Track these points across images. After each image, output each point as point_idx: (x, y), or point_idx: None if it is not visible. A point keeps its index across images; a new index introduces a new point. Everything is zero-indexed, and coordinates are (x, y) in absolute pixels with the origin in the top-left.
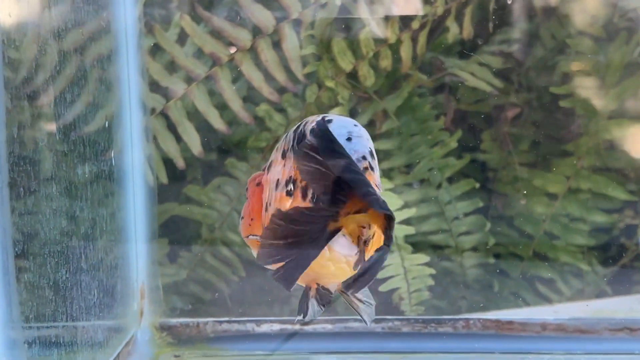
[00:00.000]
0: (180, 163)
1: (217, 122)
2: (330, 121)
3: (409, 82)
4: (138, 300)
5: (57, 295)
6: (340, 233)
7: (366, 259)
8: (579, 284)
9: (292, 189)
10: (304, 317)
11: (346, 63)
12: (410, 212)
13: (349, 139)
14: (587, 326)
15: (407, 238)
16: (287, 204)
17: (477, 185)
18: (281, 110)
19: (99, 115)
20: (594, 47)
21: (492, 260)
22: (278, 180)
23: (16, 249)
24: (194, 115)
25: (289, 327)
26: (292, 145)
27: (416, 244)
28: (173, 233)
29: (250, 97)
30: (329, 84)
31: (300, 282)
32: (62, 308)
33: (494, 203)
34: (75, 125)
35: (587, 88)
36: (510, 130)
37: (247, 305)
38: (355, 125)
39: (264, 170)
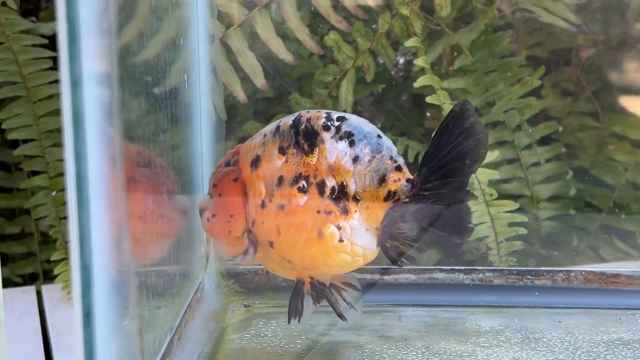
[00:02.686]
0: (241, 96)
1: (282, 52)
2: (343, 119)
3: (485, 14)
4: (204, 243)
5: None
6: (364, 227)
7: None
8: None
9: (306, 185)
10: (299, 319)
11: None
12: (493, 156)
13: (379, 136)
14: None
15: (491, 184)
16: (302, 200)
17: (561, 128)
18: (350, 41)
19: (170, 30)
20: None
21: (572, 212)
22: (282, 177)
23: None
24: (256, 45)
25: (367, 276)
26: (297, 141)
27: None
28: None
29: (314, 26)
30: (404, 11)
31: (292, 276)
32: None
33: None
34: (151, 35)
35: None
36: (582, 72)
37: None
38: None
39: (232, 165)
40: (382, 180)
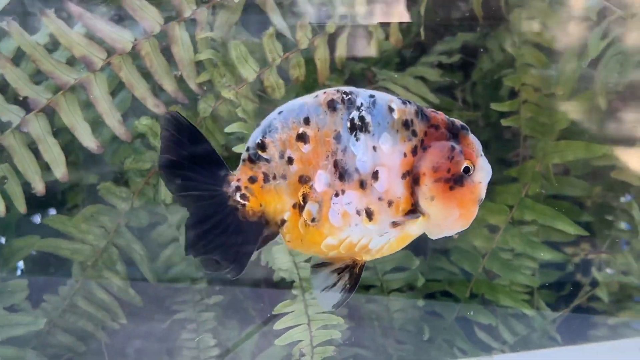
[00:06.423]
0: (39, 187)
1: (87, 139)
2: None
3: None
4: None
5: None
6: None
7: None
8: (523, 330)
9: None
10: None
11: (248, 71)
12: None
13: None
14: None
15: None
16: None
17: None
18: None
19: None
20: (543, 58)
21: (421, 303)
22: None
23: None
24: (60, 131)
25: None
26: None
27: None
28: (35, 272)
29: (134, 110)
30: (227, 95)
31: None
32: None
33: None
34: None
35: (534, 105)
36: None
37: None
38: None
39: None
40: None
